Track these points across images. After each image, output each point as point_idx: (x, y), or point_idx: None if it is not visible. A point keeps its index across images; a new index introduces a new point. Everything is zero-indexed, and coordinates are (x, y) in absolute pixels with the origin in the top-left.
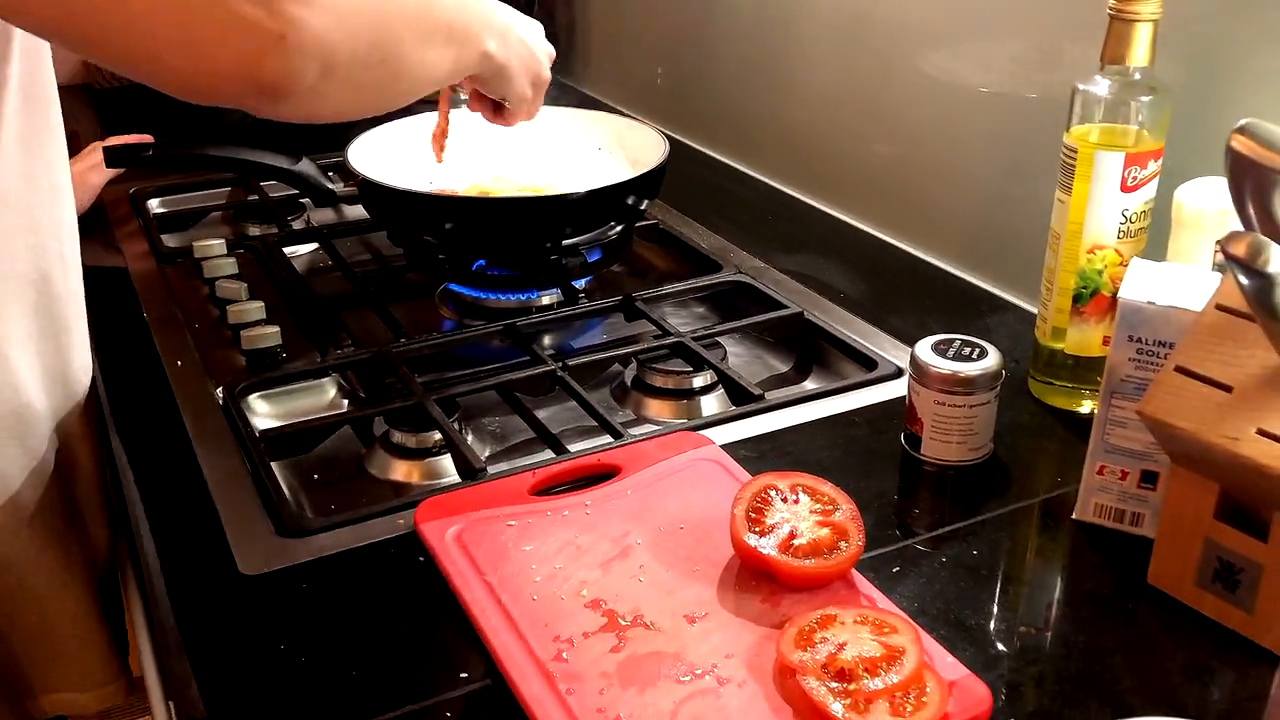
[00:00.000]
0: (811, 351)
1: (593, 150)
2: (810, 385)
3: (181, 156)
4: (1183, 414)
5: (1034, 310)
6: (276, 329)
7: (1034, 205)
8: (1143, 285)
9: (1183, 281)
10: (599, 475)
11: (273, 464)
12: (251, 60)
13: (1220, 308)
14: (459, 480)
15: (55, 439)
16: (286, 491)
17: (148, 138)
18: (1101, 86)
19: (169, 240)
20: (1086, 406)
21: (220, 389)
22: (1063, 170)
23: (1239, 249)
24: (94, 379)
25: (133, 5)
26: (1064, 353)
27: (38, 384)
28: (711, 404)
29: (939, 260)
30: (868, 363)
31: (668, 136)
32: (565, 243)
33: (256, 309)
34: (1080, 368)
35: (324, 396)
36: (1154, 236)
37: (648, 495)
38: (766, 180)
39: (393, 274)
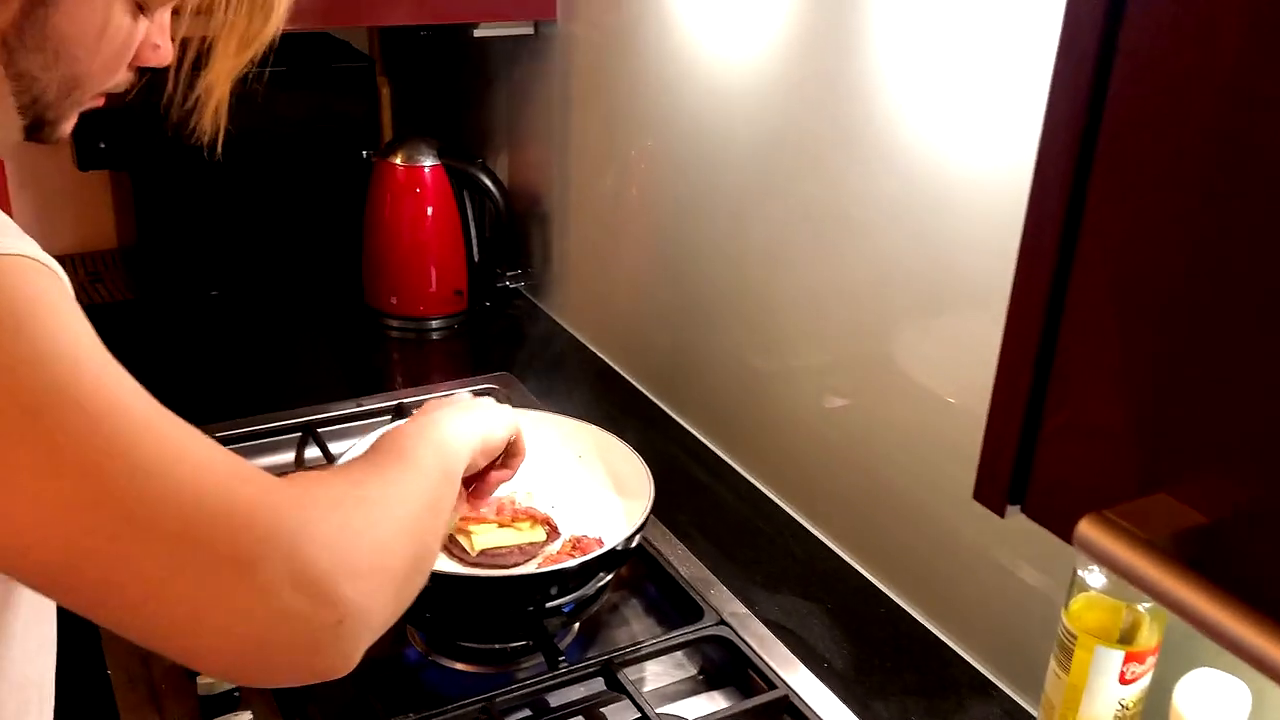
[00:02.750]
0: None
1: (573, 459)
2: None
3: None
4: None
5: (1019, 701)
6: (249, 716)
7: (1017, 581)
8: None
9: None
10: None
11: None
12: (306, 652)
13: None
14: None
15: None
16: None
17: None
18: (1099, 579)
19: None
20: None
21: None
22: (1060, 647)
23: None
24: None
25: (168, 601)
26: None
27: None
28: None
29: (919, 613)
30: None
31: (646, 400)
32: (549, 605)
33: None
34: None
35: None
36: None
37: None
38: (747, 476)
39: None
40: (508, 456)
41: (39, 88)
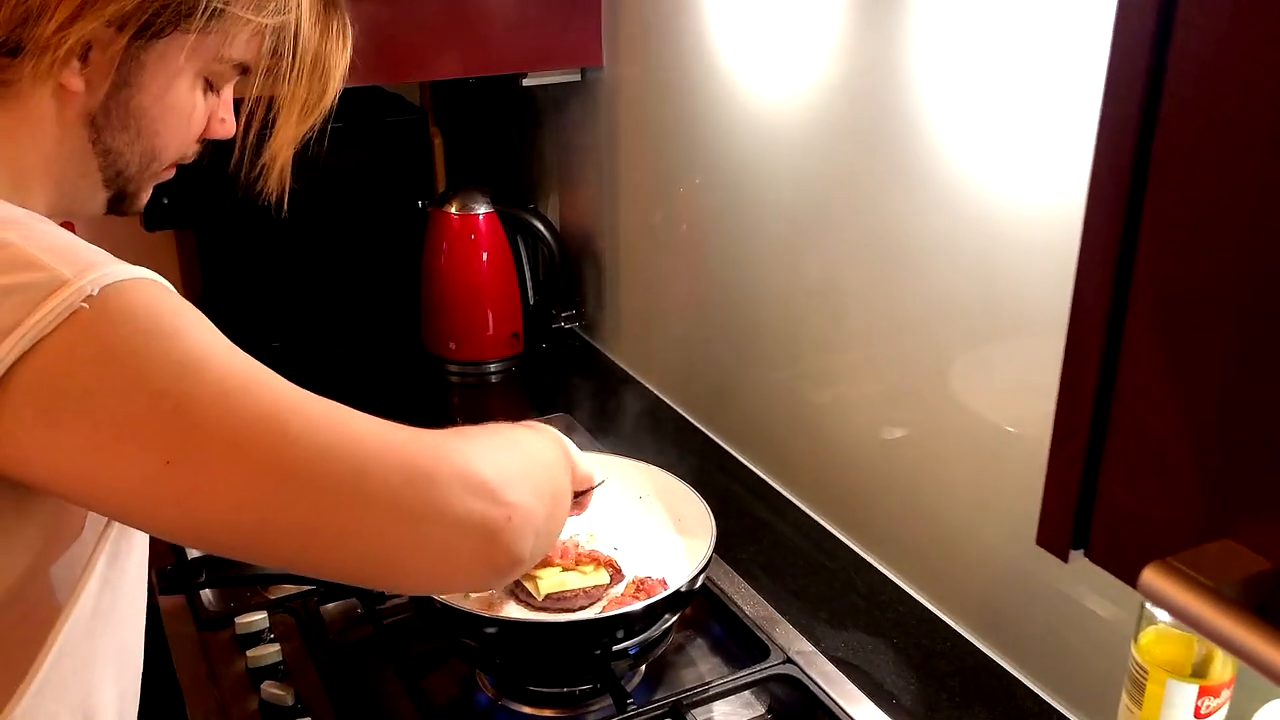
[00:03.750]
0: None
1: (634, 500)
2: None
3: (232, 579)
4: None
5: None
6: None
7: (1085, 611)
8: None
9: None
10: None
11: None
12: (488, 550)
13: None
14: None
15: None
16: None
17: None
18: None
19: (209, 594)
20: None
21: None
22: (1132, 681)
23: None
24: None
25: (367, 530)
26: None
27: None
28: None
29: (986, 646)
30: None
31: (703, 436)
32: (615, 648)
33: None
34: None
35: None
36: None
37: None
38: (806, 511)
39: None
40: (579, 494)
41: (122, 162)
